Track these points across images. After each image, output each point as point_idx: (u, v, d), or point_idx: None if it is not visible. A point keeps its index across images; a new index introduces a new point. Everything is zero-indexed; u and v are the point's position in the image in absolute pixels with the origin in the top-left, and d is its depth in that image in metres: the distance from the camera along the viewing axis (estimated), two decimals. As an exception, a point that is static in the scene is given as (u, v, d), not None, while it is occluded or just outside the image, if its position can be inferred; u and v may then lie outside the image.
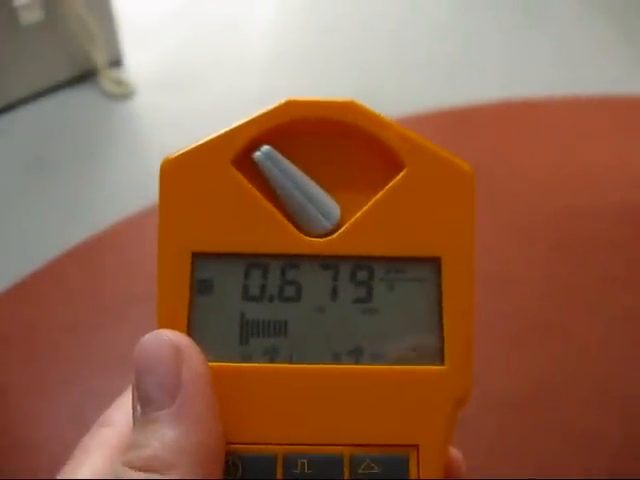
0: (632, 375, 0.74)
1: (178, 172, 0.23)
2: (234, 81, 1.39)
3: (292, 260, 0.23)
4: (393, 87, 1.38)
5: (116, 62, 1.46)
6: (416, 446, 0.22)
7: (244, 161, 0.23)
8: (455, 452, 0.25)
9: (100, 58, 1.40)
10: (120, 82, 1.40)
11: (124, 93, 1.38)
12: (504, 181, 1.00)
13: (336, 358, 0.23)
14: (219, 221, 0.23)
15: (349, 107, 0.23)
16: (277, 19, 1.69)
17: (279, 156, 0.23)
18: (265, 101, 0.23)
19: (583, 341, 0.77)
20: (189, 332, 0.22)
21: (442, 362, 0.23)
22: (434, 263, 0.23)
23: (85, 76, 1.41)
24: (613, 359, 0.75)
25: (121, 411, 0.24)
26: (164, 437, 0.20)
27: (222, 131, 0.23)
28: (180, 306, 0.23)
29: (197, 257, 0.23)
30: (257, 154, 0.23)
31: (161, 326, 0.22)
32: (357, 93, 1.31)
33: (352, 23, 1.64)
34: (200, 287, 0.23)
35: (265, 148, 0.23)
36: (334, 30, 1.60)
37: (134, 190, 1.11)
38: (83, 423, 0.71)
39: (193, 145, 0.23)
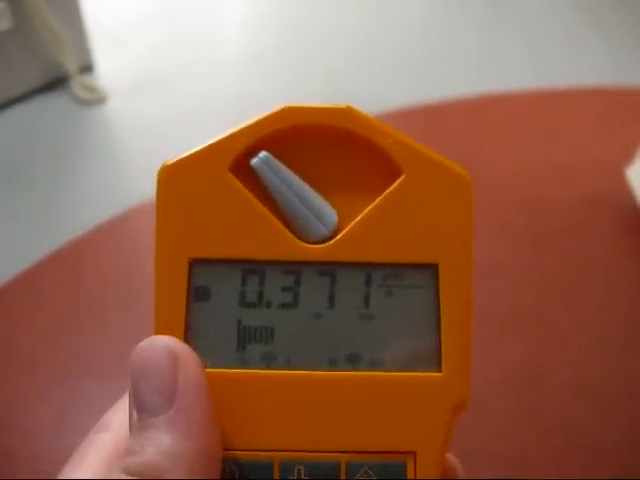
0: (611, 365, 0.75)
1: (175, 178, 0.23)
2: (206, 84, 1.38)
3: (289, 266, 0.23)
4: (366, 85, 1.38)
5: (87, 68, 1.45)
6: (413, 453, 0.22)
7: (241, 167, 0.23)
8: (452, 458, 0.25)
9: (71, 64, 1.38)
10: (92, 88, 1.38)
11: (96, 99, 1.37)
12: (480, 174, 1.00)
13: (333, 364, 0.23)
14: (216, 227, 0.23)
15: (346, 113, 0.23)
16: (247, 22, 1.69)
17: (276, 162, 0.23)
18: (238, 104, 0.22)
19: (561, 330, 0.78)
20: (186, 338, 0.22)
21: (439, 369, 0.23)
22: (432, 269, 0.23)
23: (56, 83, 1.40)
24: (591, 349, 0.76)
25: (119, 416, 0.23)
26: (160, 443, 0.20)
27: (219, 137, 0.23)
28: (177, 312, 0.22)
29: (194, 263, 0.23)
30: (254, 160, 0.23)
31: (158, 332, 0.22)
32: (330, 92, 1.31)
33: (323, 22, 1.64)
34: (197, 293, 0.23)
35: (262, 154, 0.23)
36: (305, 30, 1.60)
37: (108, 195, 1.10)
38: (65, 427, 0.70)
39: (190, 151, 0.23)
